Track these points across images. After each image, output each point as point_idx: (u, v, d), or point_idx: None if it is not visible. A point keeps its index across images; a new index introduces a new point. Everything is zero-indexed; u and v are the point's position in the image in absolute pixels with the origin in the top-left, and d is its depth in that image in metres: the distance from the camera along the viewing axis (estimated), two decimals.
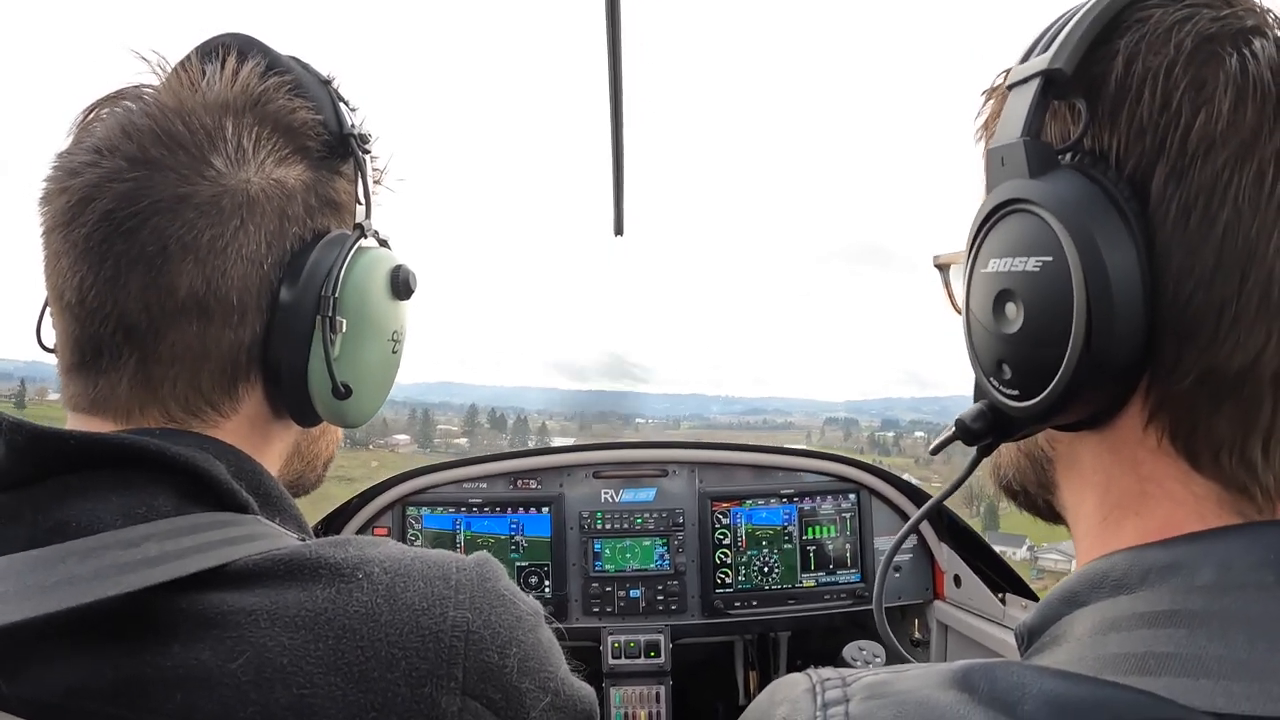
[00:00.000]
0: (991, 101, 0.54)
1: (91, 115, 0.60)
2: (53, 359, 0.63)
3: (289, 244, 0.61)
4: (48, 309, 0.65)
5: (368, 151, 0.67)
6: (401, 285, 0.69)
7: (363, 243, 0.66)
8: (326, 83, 0.66)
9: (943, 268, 0.62)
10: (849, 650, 1.85)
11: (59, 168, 0.58)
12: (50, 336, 0.65)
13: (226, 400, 0.61)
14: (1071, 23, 0.46)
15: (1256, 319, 0.40)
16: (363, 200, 0.67)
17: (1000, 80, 0.53)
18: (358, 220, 0.67)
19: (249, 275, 0.59)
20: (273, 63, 0.63)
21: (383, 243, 0.70)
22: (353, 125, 0.66)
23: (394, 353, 0.70)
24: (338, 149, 0.65)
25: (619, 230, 2.01)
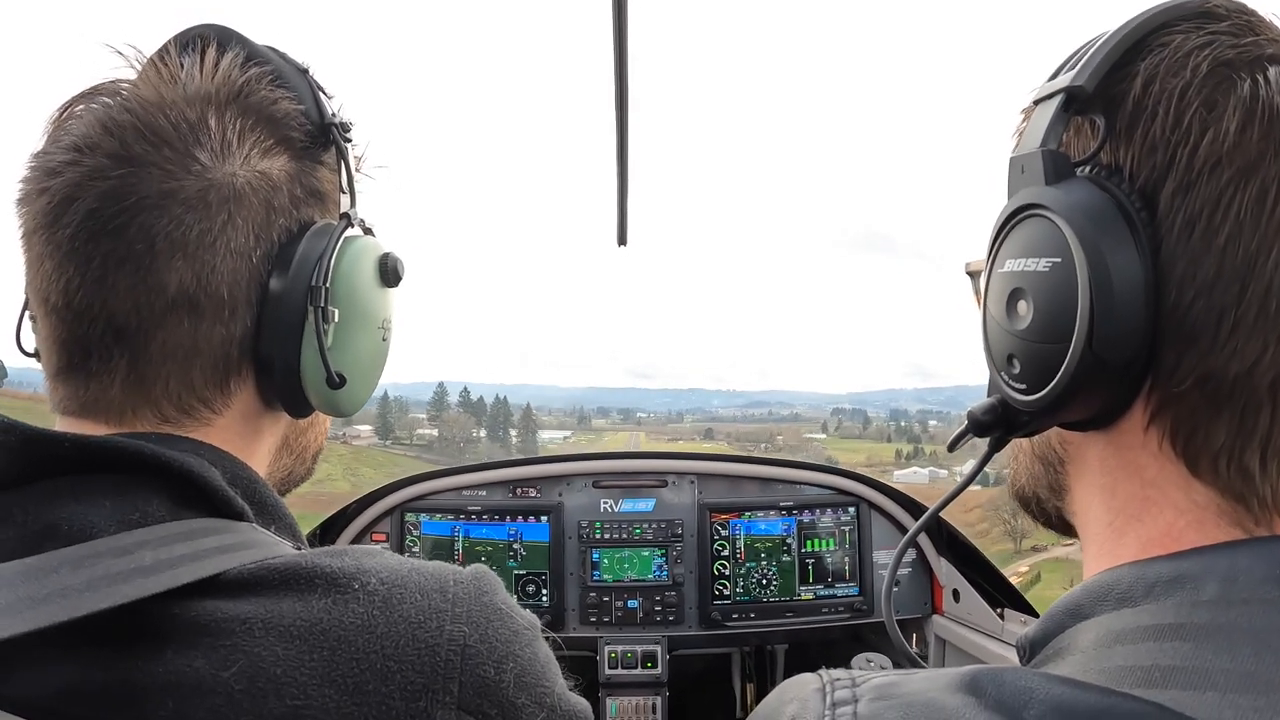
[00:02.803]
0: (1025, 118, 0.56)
1: (66, 113, 0.59)
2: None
3: (276, 235, 0.61)
4: (26, 312, 0.65)
5: (349, 140, 0.67)
6: (390, 273, 0.69)
7: (349, 232, 0.65)
8: (304, 72, 0.66)
9: (973, 274, 0.64)
10: (857, 662, 1.86)
11: (36, 168, 0.57)
12: (30, 340, 0.65)
13: (219, 396, 0.61)
14: (1097, 45, 0.48)
15: (1255, 328, 0.42)
16: (346, 189, 0.67)
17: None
18: (343, 210, 0.66)
19: (238, 269, 0.59)
20: (252, 53, 0.63)
21: (368, 231, 0.70)
22: (333, 114, 0.66)
23: (384, 340, 0.70)
24: (319, 138, 0.65)
25: (622, 240, 2.00)
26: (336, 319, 0.63)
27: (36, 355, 0.63)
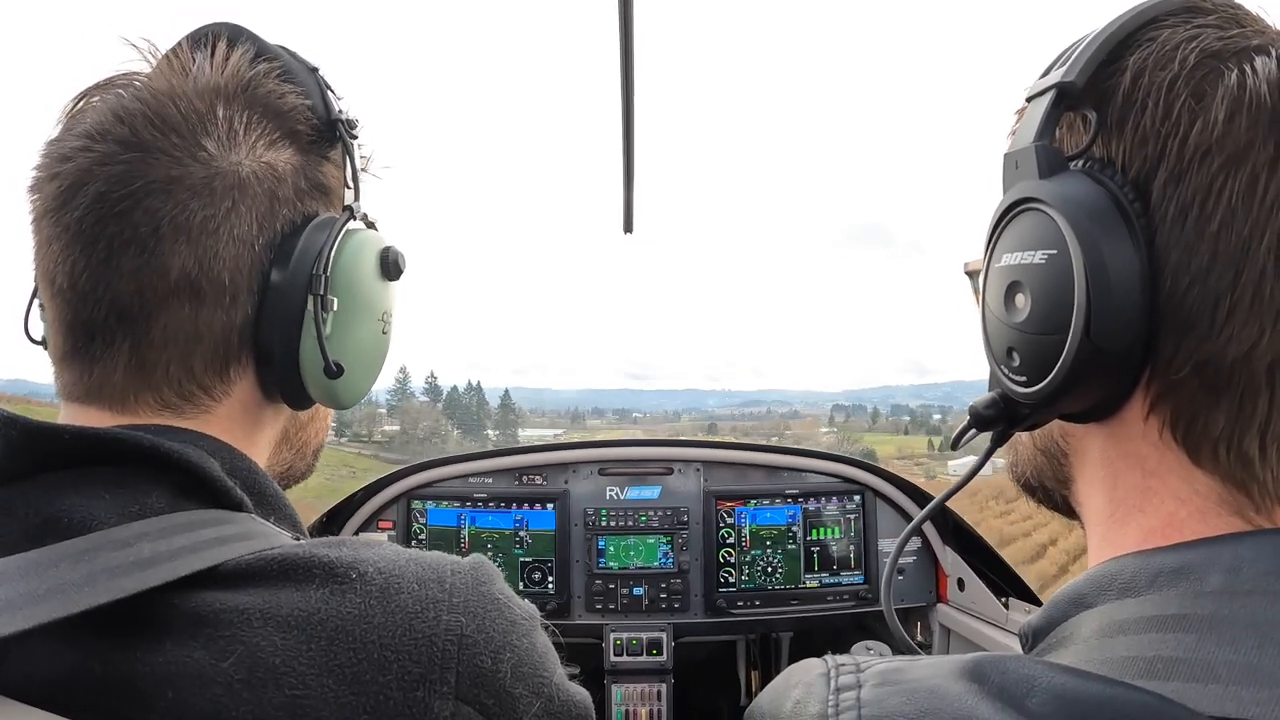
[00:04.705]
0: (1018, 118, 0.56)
1: (81, 103, 0.60)
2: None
3: (279, 226, 0.62)
4: (35, 300, 0.66)
5: (355, 137, 0.68)
6: (391, 265, 0.70)
7: (351, 225, 0.66)
8: (313, 70, 0.67)
9: (972, 274, 0.65)
10: (857, 649, 1.86)
11: (49, 155, 0.58)
12: (38, 329, 0.66)
13: (219, 383, 0.61)
14: (1087, 41, 0.49)
15: (1250, 313, 0.42)
16: (351, 185, 0.68)
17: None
18: (346, 203, 0.67)
19: (240, 256, 0.59)
20: (261, 50, 0.64)
21: (370, 225, 0.71)
22: (340, 111, 0.67)
23: (384, 333, 0.71)
24: (325, 134, 0.66)
25: (628, 228, 2.01)
26: (335, 308, 0.64)
27: (43, 343, 0.63)
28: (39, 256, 0.59)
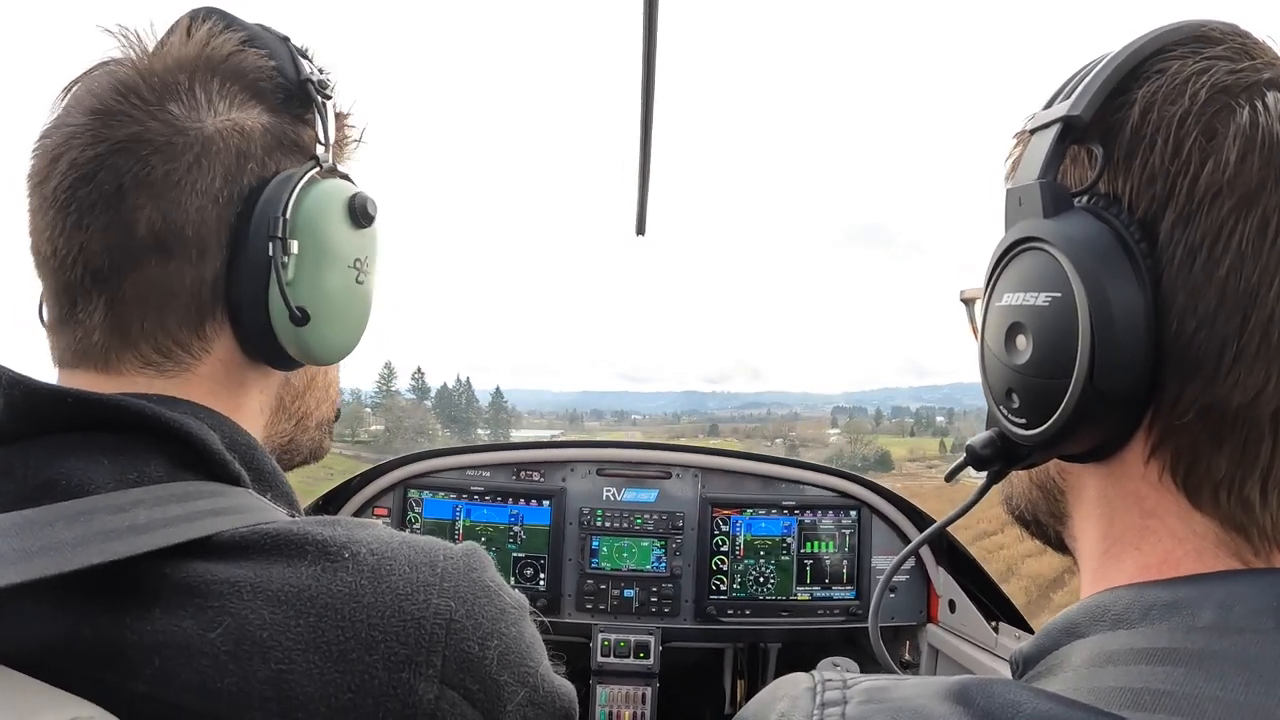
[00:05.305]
0: (1019, 144, 0.55)
1: (68, 92, 0.62)
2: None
3: (246, 180, 0.62)
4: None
5: (328, 97, 0.68)
6: (359, 211, 0.68)
7: (321, 178, 0.66)
8: (285, 39, 0.68)
9: (968, 302, 0.64)
10: (822, 666, 1.86)
11: (39, 140, 0.60)
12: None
13: (196, 341, 0.62)
14: (1093, 72, 0.47)
15: (1257, 358, 0.42)
16: (323, 142, 0.68)
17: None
18: (314, 155, 0.67)
19: (205, 210, 0.59)
20: (230, 22, 0.65)
21: (344, 178, 0.70)
22: (310, 73, 0.67)
23: (359, 282, 0.70)
24: (298, 96, 0.66)
25: (641, 230, 2.01)
26: (296, 251, 0.63)
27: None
28: (30, 232, 0.60)
